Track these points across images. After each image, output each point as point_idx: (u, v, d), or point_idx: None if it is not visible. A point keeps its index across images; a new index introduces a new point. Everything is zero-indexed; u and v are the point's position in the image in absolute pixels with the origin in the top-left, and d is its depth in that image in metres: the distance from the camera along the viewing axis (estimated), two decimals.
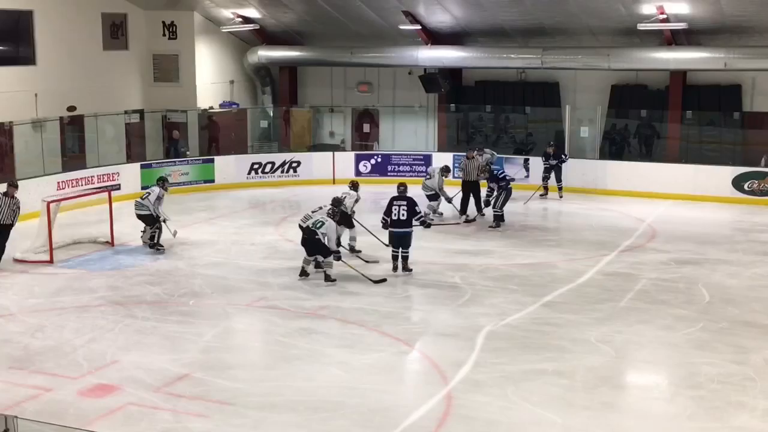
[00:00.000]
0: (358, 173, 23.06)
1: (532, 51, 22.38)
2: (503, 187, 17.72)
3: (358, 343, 11.04)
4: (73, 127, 21.64)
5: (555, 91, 23.55)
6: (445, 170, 18.47)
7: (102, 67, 22.87)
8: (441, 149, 23.95)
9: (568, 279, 13.81)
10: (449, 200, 18.25)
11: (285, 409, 9.04)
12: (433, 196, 18.32)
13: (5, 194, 14.43)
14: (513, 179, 18.50)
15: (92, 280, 13.84)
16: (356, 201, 15.81)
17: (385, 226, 14.27)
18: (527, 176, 21.89)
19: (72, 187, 19.10)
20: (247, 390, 9.51)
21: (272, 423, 8.76)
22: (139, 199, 15.96)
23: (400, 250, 14.17)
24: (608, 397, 9.44)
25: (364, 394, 9.46)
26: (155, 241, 15.58)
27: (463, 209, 18.58)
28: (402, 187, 14.55)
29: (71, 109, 21.48)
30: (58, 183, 19.02)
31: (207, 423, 8.69)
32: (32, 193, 17.22)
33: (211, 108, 24.48)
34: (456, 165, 22.73)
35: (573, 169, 21.22)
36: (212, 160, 22.36)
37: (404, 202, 14.14)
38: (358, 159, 23.29)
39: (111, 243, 16.05)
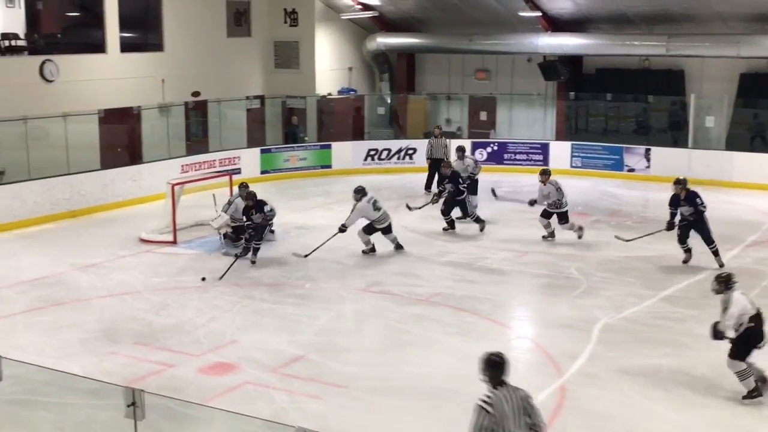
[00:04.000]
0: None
1: (657, 38, 21.75)
2: (456, 193, 15.85)
3: (471, 331, 11.02)
4: (196, 112, 22.27)
5: (679, 79, 22.82)
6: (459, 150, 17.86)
7: (225, 53, 23.43)
8: (559, 138, 23.58)
9: (689, 273, 13.41)
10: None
11: (397, 394, 9.11)
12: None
13: None
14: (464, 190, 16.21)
15: (212, 261, 14.24)
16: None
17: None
18: (648, 167, 21.33)
19: (195, 170, 19.68)
20: (360, 374, 9.62)
21: (384, 407, 8.84)
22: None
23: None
24: (729, 395, 9.12)
25: (476, 382, 9.40)
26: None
27: (428, 186, 19.43)
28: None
29: (195, 94, 22.10)
30: (182, 166, 19.63)
31: (321, 404, 8.83)
32: (158, 175, 17.85)
33: (330, 94, 24.78)
34: (574, 154, 22.39)
35: (697, 160, 20.55)
36: (329, 146, 22.65)
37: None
38: (475, 146, 23.13)
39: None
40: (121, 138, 19.96)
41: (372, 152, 22.75)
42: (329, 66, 25.21)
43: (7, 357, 6.00)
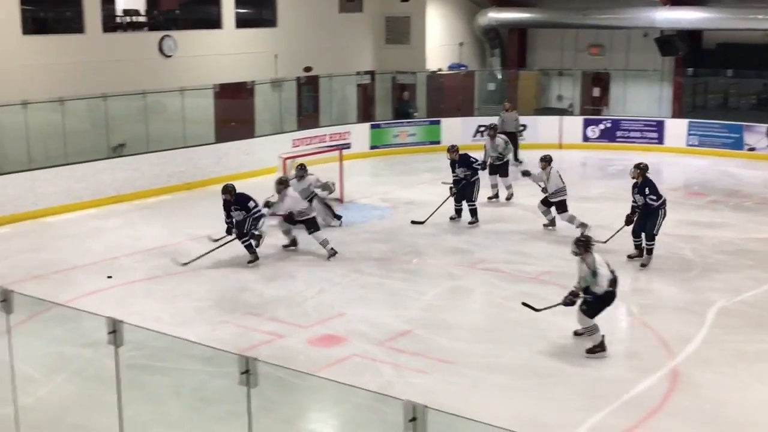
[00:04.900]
0: (585, 138, 22.56)
1: None
2: (472, 175, 14.94)
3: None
4: (308, 87, 22.51)
5: None
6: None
7: (337, 29, 23.56)
8: (675, 115, 22.88)
9: None
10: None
11: (503, 372, 9.07)
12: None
13: None
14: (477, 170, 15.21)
15: (322, 234, 14.39)
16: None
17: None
18: None
19: (306, 145, 19.93)
20: (467, 350, 9.61)
21: (490, 384, 8.81)
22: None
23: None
24: None
25: (584, 362, 9.31)
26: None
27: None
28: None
29: (307, 69, 22.32)
30: (293, 141, 19.91)
31: (427, 379, 8.87)
32: (269, 149, 18.17)
33: (440, 70, 24.67)
34: (690, 132, 21.71)
35: None
36: (438, 122, 22.58)
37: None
38: (586, 124, 22.71)
39: (340, 200, 16.62)
40: (234, 112, 20.35)
41: (482, 128, 22.50)
42: (440, 41, 25.07)
43: (128, 322, 6.21)
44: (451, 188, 14.98)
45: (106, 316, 6.25)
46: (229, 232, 12.73)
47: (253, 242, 12.78)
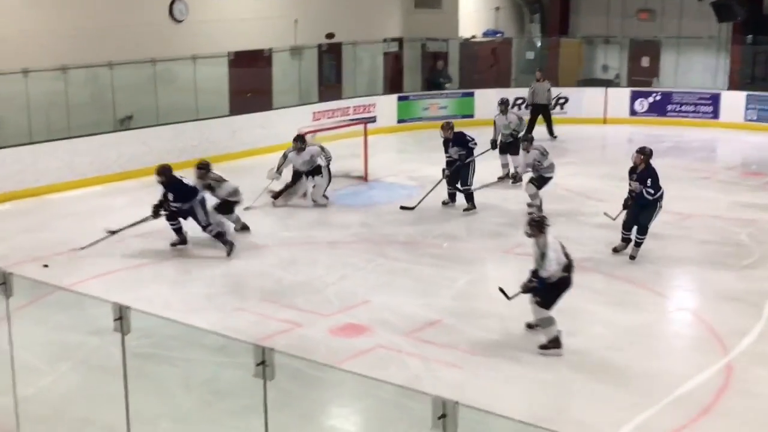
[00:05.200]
0: (632, 112, 22.42)
1: None
2: (467, 155, 14.60)
3: (626, 300, 10.82)
4: (330, 56, 22.49)
5: None
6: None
7: None
8: (732, 87, 22.63)
9: None
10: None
11: (540, 365, 9.04)
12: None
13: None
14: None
15: (345, 215, 14.45)
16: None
17: None
18: None
19: (327, 118, 19.95)
20: (501, 342, 9.60)
21: (526, 379, 8.79)
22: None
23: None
24: None
25: (630, 357, 9.27)
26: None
27: (530, 130, 19.20)
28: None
29: (329, 36, 22.27)
30: (314, 113, 19.94)
31: (458, 373, 8.87)
32: (288, 123, 18.19)
33: (474, 37, 24.54)
34: (749, 106, 21.48)
35: None
36: (472, 94, 22.49)
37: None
38: (634, 96, 22.55)
39: (364, 178, 16.64)
40: (251, 82, 20.39)
41: (519, 101, 22.43)
42: (474, 6, 24.93)
43: (135, 309, 6.26)
44: (443, 170, 14.76)
45: (112, 301, 6.30)
46: (155, 214, 12.53)
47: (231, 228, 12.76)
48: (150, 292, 10.99)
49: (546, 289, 9.28)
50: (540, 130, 20.03)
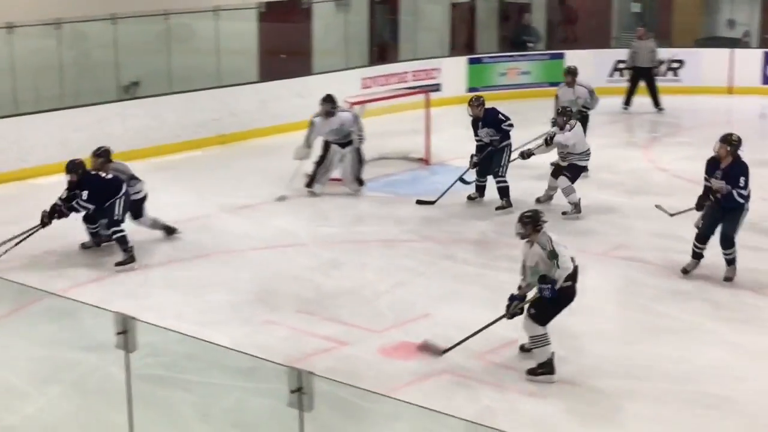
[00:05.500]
0: (765, 80, 22.08)
1: None
2: (502, 139, 14.42)
3: (756, 318, 10.70)
4: (384, 8, 22.52)
5: None
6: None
7: None
8: None
9: None
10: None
11: (648, 399, 8.96)
12: None
13: None
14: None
15: (402, 207, 14.44)
16: None
17: None
18: None
19: (380, 85, 19.96)
20: (598, 368, 9.52)
21: (630, 416, 8.72)
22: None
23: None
24: None
25: (761, 389, 9.15)
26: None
27: (627, 101, 20.52)
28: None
29: None
30: (363, 80, 19.96)
31: (542, 405, 8.82)
32: (331, 91, 18.16)
33: None
34: None
35: None
36: (562, 56, 22.35)
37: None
38: None
39: (426, 161, 16.60)
40: (285, 41, 20.46)
41: (621, 65, 22.27)
42: None
43: (142, 320, 6.30)
44: (471, 157, 14.55)
45: (114, 311, 6.35)
46: (48, 218, 12.23)
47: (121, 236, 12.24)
48: (160, 300, 11.07)
49: (547, 301, 9.20)
50: (640, 102, 19.87)
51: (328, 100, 14.79)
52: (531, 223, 9.28)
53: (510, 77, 21.94)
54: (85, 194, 12.08)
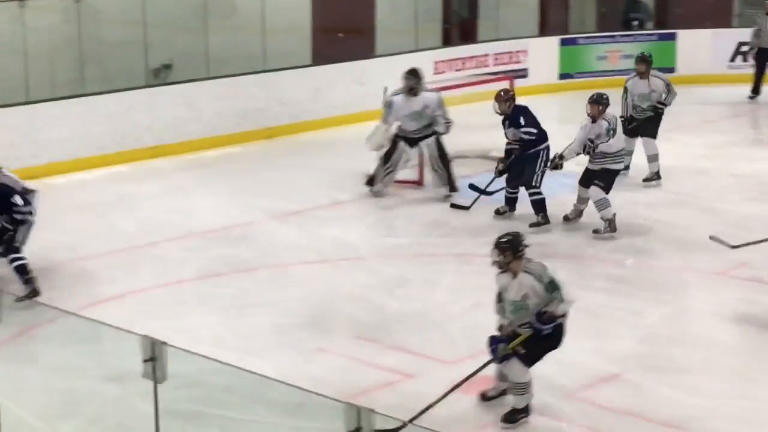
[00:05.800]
0: None
1: None
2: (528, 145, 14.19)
3: None
4: None
5: None
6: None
7: None
8: None
9: None
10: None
11: None
12: None
13: None
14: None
15: (479, 214, 14.42)
16: None
17: None
18: None
19: (456, 71, 19.98)
20: (710, 409, 9.45)
21: None
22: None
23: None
24: None
25: None
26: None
27: (756, 90, 20.81)
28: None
29: None
30: (435, 64, 19.98)
31: None
32: (397, 77, 18.20)
33: None
34: None
35: None
36: (673, 36, 22.23)
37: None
38: None
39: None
40: (343, 17, 20.51)
41: (744, 47, 22.09)
42: None
43: (173, 345, 6.35)
44: (499, 162, 14.41)
45: (139, 333, 6.40)
46: None
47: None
48: (194, 322, 11.14)
49: (540, 340, 9.10)
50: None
51: (414, 74, 14.83)
52: (510, 250, 9.11)
53: (611, 62, 21.82)
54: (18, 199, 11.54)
